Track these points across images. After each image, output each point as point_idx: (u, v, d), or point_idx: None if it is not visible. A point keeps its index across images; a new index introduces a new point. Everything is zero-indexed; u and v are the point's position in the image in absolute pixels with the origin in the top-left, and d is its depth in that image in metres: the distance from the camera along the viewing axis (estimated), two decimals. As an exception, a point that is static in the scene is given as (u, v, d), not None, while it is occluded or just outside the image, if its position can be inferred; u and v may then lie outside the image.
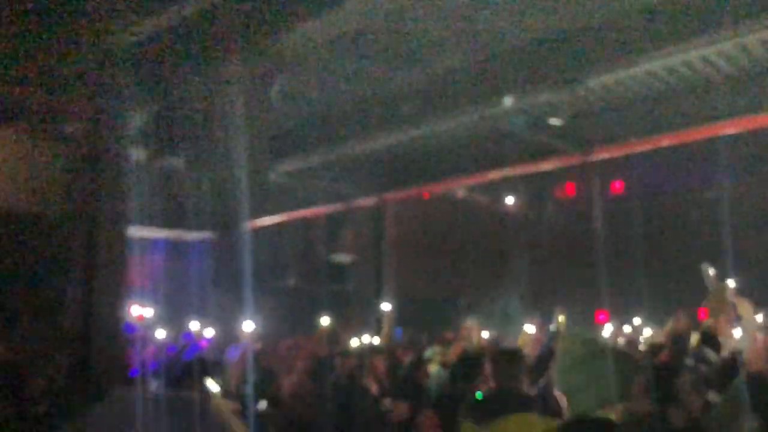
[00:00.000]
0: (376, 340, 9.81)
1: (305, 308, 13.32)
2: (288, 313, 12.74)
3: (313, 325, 10.60)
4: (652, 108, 8.62)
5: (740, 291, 6.95)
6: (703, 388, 3.26)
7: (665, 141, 9.43)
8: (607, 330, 10.14)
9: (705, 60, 7.26)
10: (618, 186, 13.79)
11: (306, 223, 15.14)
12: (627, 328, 10.81)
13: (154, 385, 5.92)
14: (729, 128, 8.75)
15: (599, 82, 7.69)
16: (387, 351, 8.39)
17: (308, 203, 13.46)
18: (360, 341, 9.76)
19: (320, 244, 15.81)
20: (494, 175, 11.58)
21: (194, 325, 9.68)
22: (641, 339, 9.43)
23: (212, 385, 4.38)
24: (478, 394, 4.27)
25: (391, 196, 13.50)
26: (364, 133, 9.88)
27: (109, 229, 6.98)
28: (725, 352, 5.29)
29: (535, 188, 14.26)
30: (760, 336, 5.47)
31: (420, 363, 7.12)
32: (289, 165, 11.46)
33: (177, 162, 10.16)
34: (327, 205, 13.50)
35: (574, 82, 7.48)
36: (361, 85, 8.86)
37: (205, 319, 9.84)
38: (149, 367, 6.81)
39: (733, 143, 10.59)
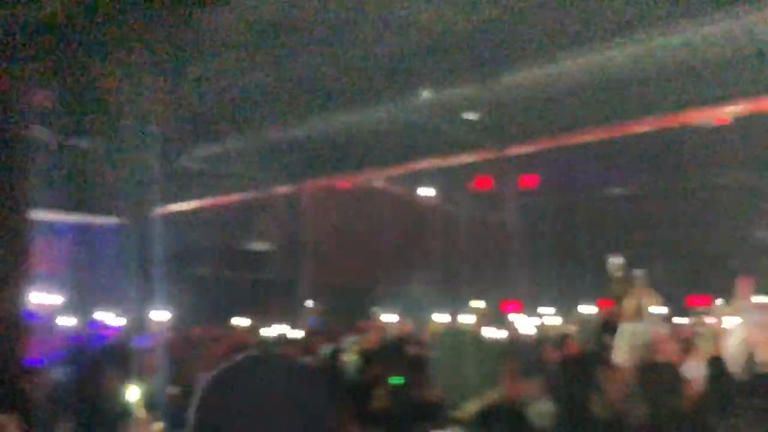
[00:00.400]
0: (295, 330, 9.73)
1: (221, 297, 13.08)
2: (203, 302, 12.49)
3: (227, 313, 10.43)
4: (566, 106, 8.88)
5: (645, 283, 7.25)
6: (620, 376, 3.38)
7: (578, 138, 9.74)
8: (518, 320, 10.42)
9: (618, 60, 7.52)
10: (531, 180, 14.15)
11: (222, 210, 14.87)
12: (537, 319, 11.12)
13: (57, 375, 5.69)
14: (641, 127, 9.11)
15: (515, 78, 7.85)
16: (303, 341, 8.35)
17: (225, 189, 13.23)
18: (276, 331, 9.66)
19: (236, 232, 15.56)
20: (412, 166, 11.69)
21: (102, 314, 9.36)
22: (550, 329, 9.71)
23: (132, 394, 3.54)
24: (398, 379, 4.31)
25: (309, 184, 13.43)
26: (282, 120, 9.78)
27: (10, 212, 6.66)
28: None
29: (451, 181, 14.48)
30: (662, 327, 5.74)
31: (337, 353, 7.12)
32: (205, 150, 11.23)
33: (87, 144, 9.77)
34: (244, 191, 13.31)
35: (491, 77, 7.62)
36: (280, 72, 8.75)
37: (115, 307, 9.52)
38: (52, 356, 6.54)
39: (644, 142, 11.04)
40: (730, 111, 8.39)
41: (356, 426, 4.51)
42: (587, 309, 9.67)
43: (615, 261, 5.20)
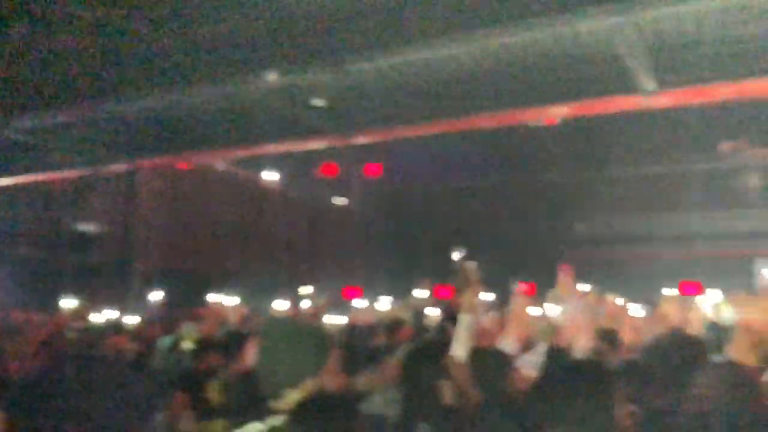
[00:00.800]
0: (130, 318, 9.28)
1: (43, 280, 12.29)
2: (26, 286, 11.63)
3: (52, 298, 9.81)
4: (411, 98, 9.10)
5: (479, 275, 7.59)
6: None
7: (421, 130, 10.02)
8: (358, 305, 10.62)
9: (460, 57, 7.80)
10: (376, 169, 14.39)
11: (48, 187, 13.87)
12: (377, 304, 11.35)
13: None
14: (479, 123, 9.51)
15: (363, 67, 7.93)
16: (137, 328, 8.03)
17: (51, 165, 12.33)
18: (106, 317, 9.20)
19: (64, 211, 14.58)
20: (256, 150, 11.50)
21: None
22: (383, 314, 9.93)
23: None
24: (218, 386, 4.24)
25: (146, 163, 12.84)
26: (119, 93, 9.25)
27: None
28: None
29: (296, 166, 14.42)
30: (488, 315, 6.06)
31: (177, 342, 6.90)
32: (31, 121, 10.39)
33: None
34: (73, 168, 12.48)
35: (339, 65, 7.65)
36: (119, 43, 8.27)
37: None
38: None
39: (487, 138, 11.56)
40: (557, 111, 8.98)
41: (192, 415, 4.40)
42: (422, 295, 10.00)
43: (459, 254, 5.43)
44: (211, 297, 9.88)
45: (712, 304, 7.26)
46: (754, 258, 5.34)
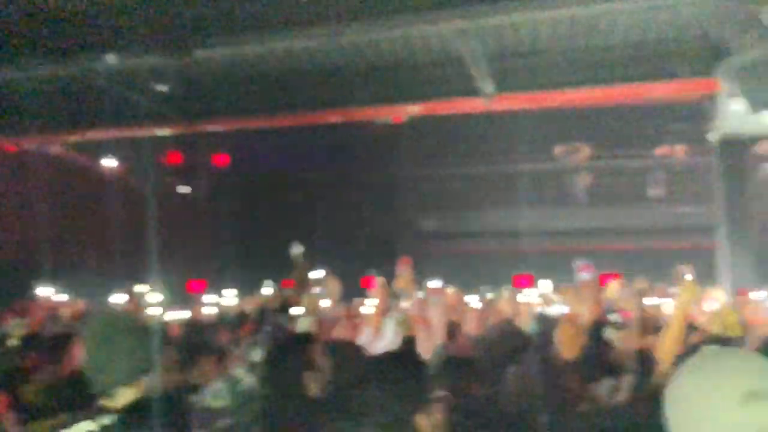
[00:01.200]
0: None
1: None
2: None
3: None
4: (258, 89, 9.00)
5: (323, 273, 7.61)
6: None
7: (269, 122, 9.94)
8: (204, 299, 10.37)
9: (315, 50, 7.82)
10: (223, 159, 14.10)
11: None
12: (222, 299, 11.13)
13: None
14: (334, 118, 9.55)
15: (207, 55, 7.74)
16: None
17: None
18: None
19: None
20: (93, 134, 10.90)
21: None
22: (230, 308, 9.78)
23: None
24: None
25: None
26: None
27: None
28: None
29: (138, 153, 13.79)
30: (335, 307, 6.16)
31: (3, 338, 6.42)
32: None
33: None
34: None
35: (184, 51, 7.41)
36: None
37: None
38: None
39: (330, 132, 11.62)
40: (404, 110, 9.23)
41: (14, 417, 4.15)
42: (269, 290, 9.93)
43: (296, 248, 5.44)
44: (41, 290, 9.26)
45: (541, 296, 7.79)
46: (576, 254, 5.79)
